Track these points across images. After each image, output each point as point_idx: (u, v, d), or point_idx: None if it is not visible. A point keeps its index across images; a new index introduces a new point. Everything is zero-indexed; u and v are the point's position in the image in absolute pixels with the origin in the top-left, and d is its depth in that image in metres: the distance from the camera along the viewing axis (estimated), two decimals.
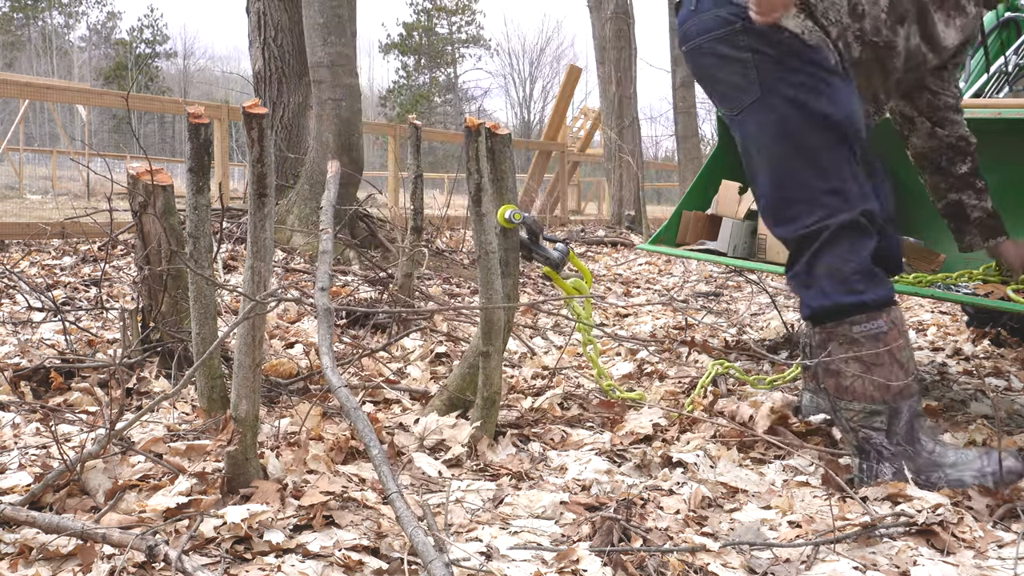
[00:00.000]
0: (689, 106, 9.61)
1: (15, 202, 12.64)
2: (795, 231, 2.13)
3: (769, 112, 2.11)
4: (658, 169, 26.73)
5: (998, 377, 3.53)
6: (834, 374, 2.11)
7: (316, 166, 5.97)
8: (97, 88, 28.73)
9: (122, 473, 1.92)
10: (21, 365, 2.73)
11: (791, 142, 2.11)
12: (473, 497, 1.99)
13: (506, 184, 2.35)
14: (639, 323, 4.67)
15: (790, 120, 2.10)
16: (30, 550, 1.59)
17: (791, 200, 2.13)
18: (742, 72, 2.13)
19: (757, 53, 2.10)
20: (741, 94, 2.15)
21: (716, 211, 3.71)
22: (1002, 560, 1.75)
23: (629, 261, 8.21)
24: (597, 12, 12.00)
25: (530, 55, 49.66)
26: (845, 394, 2.10)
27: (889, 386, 2.06)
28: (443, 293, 5.06)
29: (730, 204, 3.65)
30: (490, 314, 2.30)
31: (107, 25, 52.38)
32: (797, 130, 2.10)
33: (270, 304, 1.95)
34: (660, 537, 1.76)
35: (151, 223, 2.63)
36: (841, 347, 2.09)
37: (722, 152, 3.81)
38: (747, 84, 2.12)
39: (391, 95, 49.77)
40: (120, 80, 44.86)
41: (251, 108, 1.75)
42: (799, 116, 2.09)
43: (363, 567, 1.60)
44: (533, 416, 2.65)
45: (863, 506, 1.95)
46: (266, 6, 6.59)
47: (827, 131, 2.09)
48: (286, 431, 2.30)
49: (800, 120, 2.09)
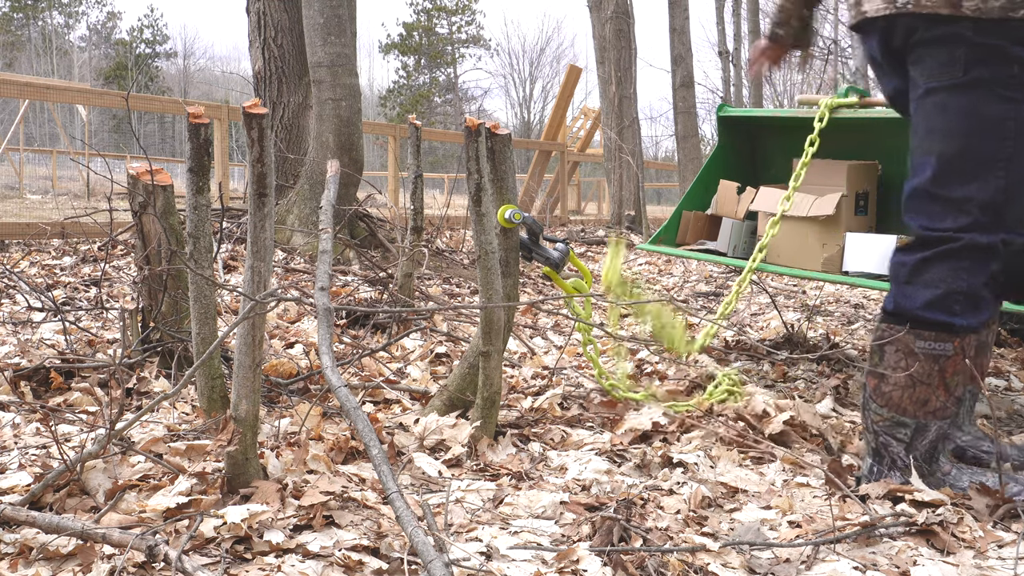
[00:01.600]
0: (689, 106, 9.61)
1: (15, 202, 12.64)
2: (928, 228, 1.99)
3: (973, 101, 1.92)
4: (658, 169, 26.72)
5: (998, 377, 3.53)
6: (878, 375, 2.05)
7: (316, 166, 5.97)
8: (97, 88, 28.72)
9: (122, 473, 1.92)
10: (21, 365, 2.73)
11: (978, 140, 1.93)
12: (473, 497, 1.99)
13: (506, 184, 2.35)
14: (639, 323, 4.67)
15: (994, 117, 1.92)
16: (30, 550, 1.59)
17: (941, 197, 1.97)
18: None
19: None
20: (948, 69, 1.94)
21: (716, 211, 3.71)
22: (1002, 560, 1.75)
23: (629, 261, 8.21)
24: (597, 12, 12.00)
25: (530, 55, 49.70)
26: (880, 398, 2.05)
27: (926, 403, 2.00)
28: (443, 293, 5.06)
29: (729, 204, 3.65)
30: (490, 314, 2.30)
31: (107, 25, 52.40)
32: (995, 130, 1.91)
33: (270, 304, 1.95)
34: (660, 537, 1.76)
35: (151, 223, 2.62)
36: (897, 354, 2.01)
37: (721, 152, 3.82)
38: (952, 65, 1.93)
39: (391, 95, 49.78)
40: (120, 80, 44.86)
41: (251, 108, 1.75)
42: (1005, 114, 1.91)
43: (363, 567, 1.60)
44: (533, 416, 2.65)
45: (863, 506, 1.95)
46: (266, 6, 6.58)
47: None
48: (286, 431, 2.30)
49: (1004, 122, 1.91)
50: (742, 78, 12.53)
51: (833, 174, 3.27)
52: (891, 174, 3.42)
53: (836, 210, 3.19)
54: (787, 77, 22.62)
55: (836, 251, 3.20)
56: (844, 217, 3.22)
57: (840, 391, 3.15)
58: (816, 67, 18.23)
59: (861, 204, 3.29)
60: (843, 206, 3.21)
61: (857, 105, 3.23)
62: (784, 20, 2.56)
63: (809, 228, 3.26)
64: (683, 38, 9.71)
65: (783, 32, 2.59)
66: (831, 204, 3.20)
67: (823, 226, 3.23)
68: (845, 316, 5.17)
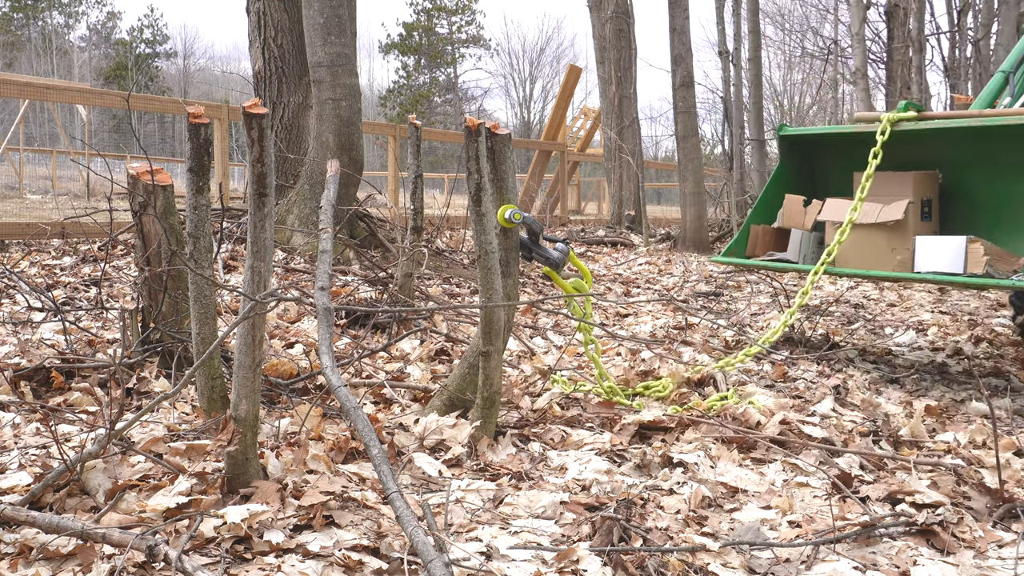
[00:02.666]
0: (689, 106, 9.59)
1: (15, 202, 12.63)
2: None
3: None
4: (658, 169, 26.69)
5: (998, 377, 3.53)
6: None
7: (316, 166, 5.97)
8: (97, 88, 28.71)
9: (122, 473, 1.92)
10: (21, 365, 2.73)
11: None
12: (473, 497, 1.99)
13: (506, 184, 2.35)
14: (639, 323, 4.67)
15: None
16: (30, 550, 1.59)
17: None
18: None
19: None
20: None
21: (782, 224, 4.02)
22: (1002, 560, 1.75)
23: (629, 261, 8.21)
24: (597, 12, 12.00)
25: (530, 55, 49.63)
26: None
27: None
28: (443, 293, 5.06)
29: (796, 216, 3.97)
30: (490, 314, 2.30)
31: (107, 25, 52.37)
32: None
33: (270, 304, 1.95)
34: (660, 537, 1.76)
35: (151, 223, 2.62)
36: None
37: (783, 169, 4.14)
38: None
39: (391, 95, 49.75)
40: (120, 80, 44.84)
41: (251, 108, 1.75)
42: None
43: (363, 567, 1.60)
44: (533, 416, 2.65)
45: (863, 506, 1.95)
46: (266, 6, 6.58)
47: None
48: (286, 431, 2.30)
49: None
50: (742, 78, 12.51)
51: (898, 184, 3.55)
52: (950, 183, 3.67)
53: (904, 215, 3.45)
54: (787, 77, 22.60)
55: (907, 254, 3.43)
56: (911, 222, 3.48)
57: (840, 391, 3.16)
58: (816, 67, 18.23)
59: (926, 210, 3.56)
60: (910, 212, 3.47)
61: (915, 119, 3.45)
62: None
63: (878, 234, 3.52)
64: (683, 38, 9.69)
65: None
66: (899, 210, 3.46)
67: (892, 232, 3.49)
68: (845, 316, 5.17)
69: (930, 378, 3.51)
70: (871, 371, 3.62)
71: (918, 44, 10.75)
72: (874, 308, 5.49)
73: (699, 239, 9.49)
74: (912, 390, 3.32)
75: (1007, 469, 2.23)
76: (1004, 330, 4.59)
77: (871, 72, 12.44)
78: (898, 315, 5.23)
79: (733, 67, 12.58)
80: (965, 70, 11.45)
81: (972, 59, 11.08)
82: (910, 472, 2.23)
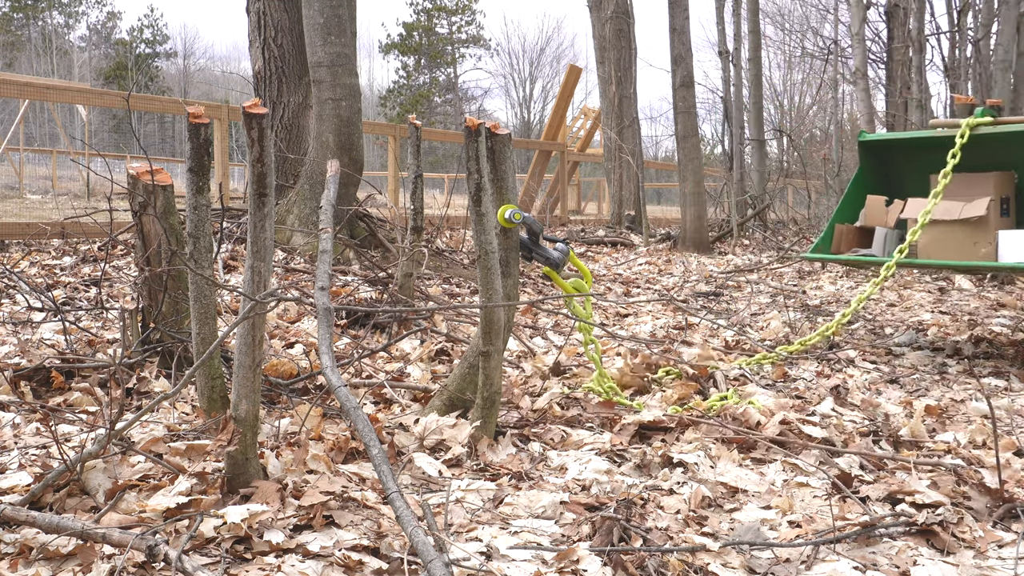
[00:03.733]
0: (689, 106, 9.59)
1: (15, 202, 12.63)
2: None
3: None
4: (658, 169, 26.69)
5: (998, 377, 3.53)
6: None
7: (316, 166, 5.97)
8: (97, 88, 28.71)
9: (122, 473, 1.92)
10: (21, 365, 2.73)
11: None
12: (473, 497, 1.99)
13: (506, 184, 2.35)
14: (639, 323, 4.67)
15: None
16: (30, 550, 1.59)
17: None
18: None
19: None
20: None
21: (864, 223, 4.36)
22: (1002, 560, 1.75)
23: (629, 261, 8.21)
24: (597, 12, 11.99)
25: (530, 55, 49.61)
26: None
27: None
28: (443, 293, 5.06)
29: (879, 215, 4.30)
30: (490, 314, 2.30)
31: (107, 25, 52.36)
32: None
33: (270, 304, 1.95)
34: (660, 537, 1.76)
35: (151, 223, 2.62)
36: None
37: (862, 173, 4.50)
38: None
39: (391, 95, 49.73)
40: (120, 80, 44.83)
41: (251, 108, 1.75)
42: None
43: (363, 567, 1.60)
44: (533, 416, 2.65)
45: (863, 506, 1.95)
46: (266, 6, 6.58)
47: None
48: (286, 431, 2.30)
49: None
50: (742, 78, 12.50)
51: (977, 183, 3.87)
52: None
53: (987, 212, 3.76)
54: (787, 77, 22.60)
55: (990, 247, 3.74)
56: (992, 218, 3.79)
57: (840, 391, 3.16)
58: (816, 67, 18.22)
59: (1005, 207, 3.86)
60: (991, 209, 3.78)
61: (992, 124, 3.78)
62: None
63: (960, 230, 3.83)
64: (683, 38, 9.69)
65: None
66: (982, 207, 3.77)
67: (974, 227, 3.80)
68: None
69: (930, 378, 3.51)
70: (871, 371, 3.62)
71: (918, 44, 10.75)
72: (874, 308, 5.49)
73: (699, 239, 9.49)
74: (912, 390, 3.32)
75: (1007, 469, 2.23)
76: (1004, 330, 4.59)
77: (871, 72, 12.44)
78: (898, 315, 5.23)
79: (733, 67, 12.58)
80: (965, 70, 11.46)
81: (972, 59, 11.09)
82: (910, 472, 2.23)
